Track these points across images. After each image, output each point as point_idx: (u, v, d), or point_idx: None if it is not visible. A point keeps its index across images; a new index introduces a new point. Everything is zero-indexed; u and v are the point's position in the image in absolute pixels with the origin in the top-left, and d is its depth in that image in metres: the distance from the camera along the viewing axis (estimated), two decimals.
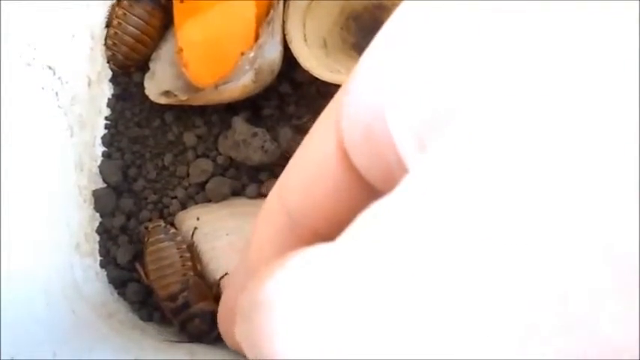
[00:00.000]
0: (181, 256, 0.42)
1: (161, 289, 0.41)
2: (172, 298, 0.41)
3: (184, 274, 0.41)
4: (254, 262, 0.27)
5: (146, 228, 0.44)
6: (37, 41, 0.41)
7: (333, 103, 0.22)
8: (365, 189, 0.18)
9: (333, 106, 0.21)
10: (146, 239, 0.43)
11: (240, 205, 0.42)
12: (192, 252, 0.42)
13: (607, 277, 0.10)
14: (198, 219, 0.43)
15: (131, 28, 0.45)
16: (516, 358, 0.11)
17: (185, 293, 0.41)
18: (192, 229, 0.42)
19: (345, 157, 0.21)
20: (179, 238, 0.42)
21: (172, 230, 0.43)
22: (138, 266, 0.43)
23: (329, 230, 0.19)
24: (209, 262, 0.42)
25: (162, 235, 0.42)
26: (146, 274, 0.42)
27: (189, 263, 0.42)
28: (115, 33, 0.46)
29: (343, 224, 0.15)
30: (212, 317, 0.40)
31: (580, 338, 0.10)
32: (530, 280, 0.11)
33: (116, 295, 0.44)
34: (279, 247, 0.24)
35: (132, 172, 0.46)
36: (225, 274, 0.42)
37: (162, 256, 0.41)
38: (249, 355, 0.19)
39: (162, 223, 0.43)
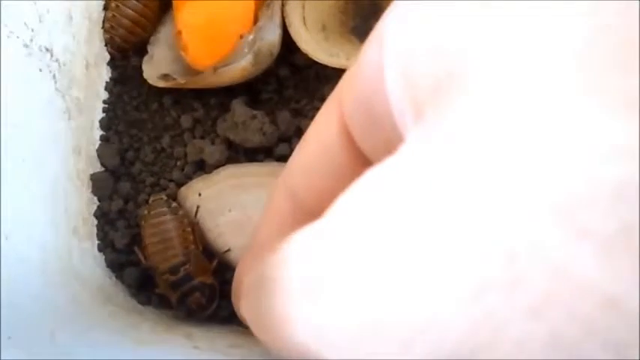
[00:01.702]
0: (183, 230, 0.41)
1: (162, 262, 0.41)
2: (174, 270, 0.41)
3: (186, 247, 0.41)
4: (260, 244, 0.27)
5: (147, 202, 0.43)
6: (34, 23, 0.40)
7: (337, 88, 0.22)
8: (367, 168, 0.19)
9: (337, 91, 0.22)
10: (146, 212, 0.42)
11: (240, 175, 0.42)
12: (194, 230, 0.42)
13: (550, 234, 0.11)
14: (200, 195, 0.43)
15: (129, 10, 0.45)
16: (473, 309, 0.12)
17: (187, 266, 0.40)
18: (196, 208, 0.42)
19: (348, 137, 0.21)
20: (181, 212, 0.42)
21: (174, 204, 0.42)
22: (137, 250, 0.43)
23: None
24: (216, 239, 0.42)
25: (164, 209, 0.42)
26: (144, 248, 0.42)
27: (191, 237, 0.41)
28: (113, 16, 0.45)
29: None
30: (211, 291, 0.40)
31: (528, 290, 0.11)
32: (484, 237, 0.12)
33: (114, 278, 0.44)
34: (283, 229, 0.25)
35: (130, 155, 0.46)
36: (228, 249, 0.42)
37: (165, 228, 0.41)
38: (254, 330, 0.19)
39: (163, 197, 0.43)
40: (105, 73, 0.47)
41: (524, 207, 0.11)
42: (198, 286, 0.41)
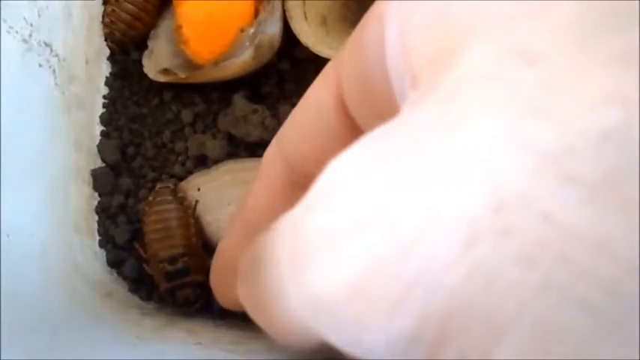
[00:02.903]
0: (186, 222, 0.41)
1: (163, 250, 0.40)
2: (173, 260, 0.40)
3: (188, 239, 0.41)
4: (252, 212, 0.27)
5: (148, 197, 0.43)
6: (33, 18, 0.40)
7: (333, 61, 0.22)
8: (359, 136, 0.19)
9: (333, 64, 0.22)
10: (151, 198, 0.42)
11: (239, 170, 0.42)
12: (196, 223, 0.42)
13: (537, 182, 0.11)
14: (199, 189, 0.42)
15: (129, 5, 0.45)
16: (464, 260, 0.12)
17: (186, 258, 0.40)
18: (195, 202, 0.42)
19: (342, 107, 0.22)
20: (186, 203, 0.42)
21: (180, 193, 0.42)
22: (137, 245, 0.42)
23: None
24: (215, 233, 0.42)
25: (169, 197, 0.41)
26: (144, 234, 0.41)
27: (193, 230, 0.41)
28: (113, 10, 0.45)
29: None
30: (202, 290, 0.40)
31: (517, 238, 0.11)
32: (472, 188, 0.12)
33: (115, 274, 0.44)
34: (276, 195, 0.25)
35: (130, 150, 0.46)
36: None
37: (169, 217, 0.41)
38: (252, 315, 0.19)
39: (170, 185, 0.42)
40: (105, 68, 0.47)
41: (511, 157, 0.12)
42: (191, 283, 0.40)
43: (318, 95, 0.24)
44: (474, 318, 0.12)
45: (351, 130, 0.22)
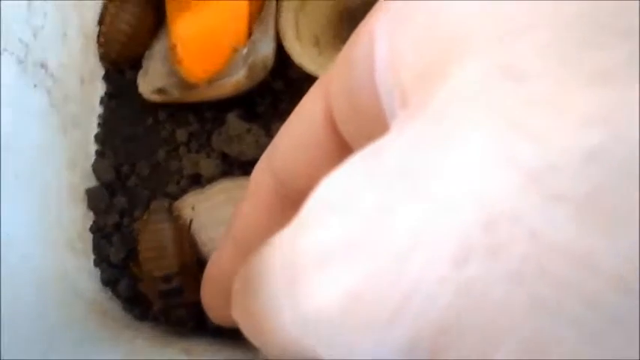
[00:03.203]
0: (181, 241, 0.41)
1: (157, 269, 0.40)
2: (167, 279, 0.40)
3: (182, 258, 0.41)
4: (241, 229, 0.28)
5: (148, 207, 0.43)
6: (28, 39, 0.41)
7: (323, 77, 0.22)
8: (349, 154, 0.19)
9: (323, 80, 0.22)
10: (145, 217, 0.42)
11: (233, 188, 0.42)
12: (190, 242, 0.42)
13: (526, 200, 0.12)
14: (193, 208, 0.43)
15: (123, 25, 0.45)
16: (455, 277, 0.12)
17: (180, 277, 0.40)
18: (189, 221, 0.42)
19: (332, 124, 0.22)
20: (181, 222, 0.42)
21: (175, 212, 0.42)
22: (131, 264, 0.43)
23: None
24: (209, 252, 0.42)
25: (164, 216, 0.42)
26: (139, 253, 0.41)
27: (188, 249, 0.41)
28: (108, 31, 0.46)
29: None
30: (195, 310, 0.40)
31: (507, 256, 0.12)
32: (463, 206, 0.12)
33: (109, 293, 0.44)
34: (266, 211, 0.25)
35: (125, 170, 0.46)
36: None
37: (163, 236, 0.41)
38: (246, 334, 0.20)
39: (165, 204, 0.42)
40: (100, 88, 0.47)
41: (498, 174, 0.12)
42: (185, 303, 0.40)
43: (308, 111, 0.24)
44: (465, 333, 0.12)
45: (341, 146, 0.22)
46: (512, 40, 0.13)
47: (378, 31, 0.18)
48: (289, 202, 0.23)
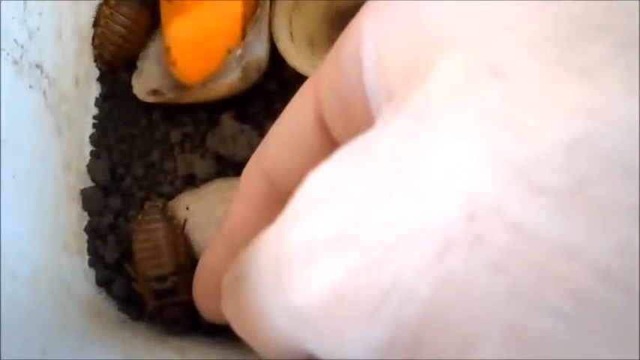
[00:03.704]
0: (175, 240, 0.41)
1: (151, 269, 0.41)
2: (162, 278, 0.40)
3: (176, 258, 0.41)
4: (232, 229, 0.28)
5: (137, 217, 0.43)
6: (24, 40, 0.41)
7: (313, 77, 0.23)
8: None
9: (312, 80, 0.23)
10: (140, 218, 0.42)
11: (227, 188, 0.42)
12: (185, 242, 0.42)
13: (508, 192, 0.12)
14: (188, 208, 0.43)
15: (118, 27, 0.45)
16: (436, 269, 0.12)
17: (175, 277, 0.40)
18: (183, 221, 0.42)
19: (322, 123, 0.22)
20: (175, 222, 0.42)
21: (169, 213, 0.42)
22: (126, 264, 0.43)
23: None
24: (203, 252, 0.42)
25: (158, 216, 0.42)
26: (134, 253, 0.41)
27: (182, 249, 0.41)
28: (102, 32, 0.46)
29: None
30: (190, 309, 0.40)
31: (488, 247, 0.12)
32: (444, 198, 0.12)
33: (104, 293, 0.44)
34: (256, 211, 0.26)
35: (120, 170, 0.46)
36: None
37: (158, 236, 0.41)
38: (238, 331, 0.20)
39: (159, 204, 0.43)
40: (95, 89, 0.48)
41: (482, 169, 0.12)
42: (180, 302, 0.40)
43: (298, 112, 0.24)
44: (447, 325, 0.12)
45: (331, 145, 0.22)
46: (497, 37, 0.13)
47: (365, 31, 0.18)
48: (279, 202, 0.23)
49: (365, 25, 0.18)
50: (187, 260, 0.41)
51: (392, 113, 0.15)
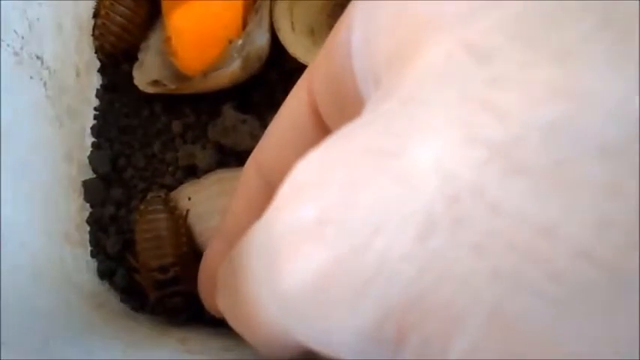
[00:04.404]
0: (177, 231, 0.41)
1: (154, 259, 0.40)
2: (164, 269, 0.40)
3: (179, 248, 0.41)
4: (232, 228, 0.28)
5: (144, 198, 0.43)
6: (24, 31, 0.41)
7: (306, 72, 0.23)
8: None
9: (306, 75, 0.23)
10: (142, 208, 0.42)
11: (229, 179, 0.42)
12: (187, 232, 0.42)
13: (488, 173, 0.12)
14: (189, 199, 0.43)
15: (118, 17, 0.45)
16: (418, 251, 0.12)
17: (177, 267, 0.40)
18: (185, 212, 0.42)
19: (317, 117, 0.22)
20: (177, 212, 0.42)
21: (172, 203, 0.42)
22: (128, 255, 0.43)
23: None
24: (205, 242, 0.42)
25: (160, 207, 0.42)
26: (136, 243, 0.41)
27: (184, 239, 0.41)
28: (103, 23, 0.46)
29: None
30: (192, 298, 0.40)
31: (469, 228, 0.12)
32: (427, 180, 0.12)
33: (107, 284, 0.44)
34: (255, 210, 0.26)
35: (121, 161, 0.46)
36: None
37: (160, 226, 0.41)
38: (232, 325, 0.20)
39: (162, 194, 0.43)
40: (95, 80, 0.48)
41: (463, 151, 0.12)
42: (181, 292, 0.40)
43: (293, 108, 0.24)
44: (432, 307, 0.12)
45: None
46: (477, 20, 0.14)
47: (354, 19, 0.18)
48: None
49: (354, 14, 0.18)
50: (189, 251, 0.41)
51: (378, 100, 0.15)
